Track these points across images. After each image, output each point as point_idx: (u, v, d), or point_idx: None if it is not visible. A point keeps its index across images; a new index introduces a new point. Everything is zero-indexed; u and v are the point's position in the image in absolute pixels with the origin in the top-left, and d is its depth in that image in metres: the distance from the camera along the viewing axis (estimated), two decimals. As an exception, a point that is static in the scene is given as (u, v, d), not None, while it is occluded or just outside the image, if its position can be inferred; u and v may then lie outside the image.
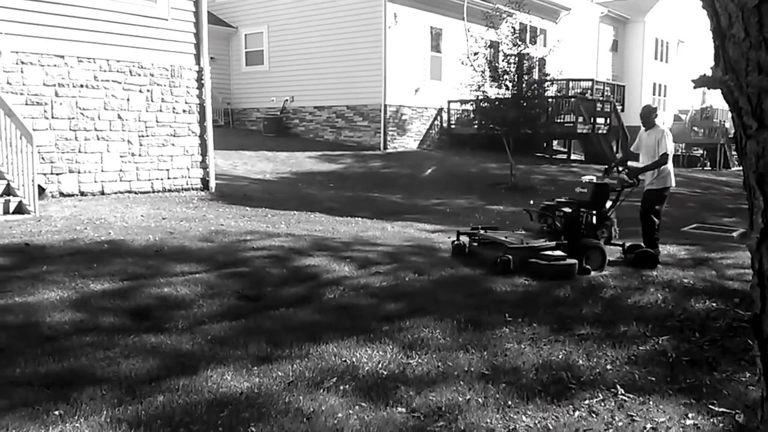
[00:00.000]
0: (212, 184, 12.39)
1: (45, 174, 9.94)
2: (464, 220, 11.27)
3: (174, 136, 11.77)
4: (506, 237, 7.24)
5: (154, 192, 11.43)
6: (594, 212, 7.33)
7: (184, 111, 11.90)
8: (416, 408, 3.60)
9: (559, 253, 6.67)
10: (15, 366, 3.92)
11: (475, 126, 19.57)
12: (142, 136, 11.31)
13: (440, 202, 13.97)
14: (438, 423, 3.43)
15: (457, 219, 11.48)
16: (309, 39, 20.74)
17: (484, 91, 16.95)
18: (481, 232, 7.64)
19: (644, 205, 7.61)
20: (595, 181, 7.68)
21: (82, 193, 10.50)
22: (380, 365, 4.19)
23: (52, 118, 10.14)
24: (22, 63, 9.79)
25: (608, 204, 7.59)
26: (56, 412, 3.35)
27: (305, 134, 21.60)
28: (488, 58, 17.31)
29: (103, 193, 10.74)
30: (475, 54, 16.95)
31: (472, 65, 16.93)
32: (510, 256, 6.59)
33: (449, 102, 22.00)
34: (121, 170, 11.04)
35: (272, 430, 3.25)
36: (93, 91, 10.60)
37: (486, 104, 17.24)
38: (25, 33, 9.75)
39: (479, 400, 3.73)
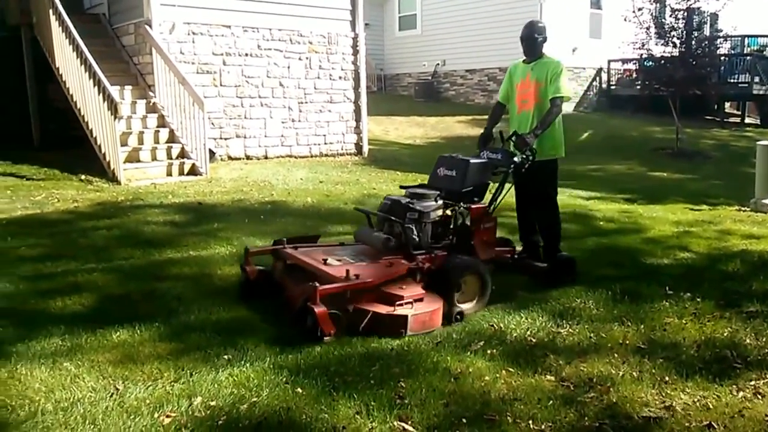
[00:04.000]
0: (365, 149, 12.72)
1: (215, 138, 10.71)
2: (623, 187, 10.74)
3: (330, 102, 12.20)
4: (328, 259, 4.33)
5: (311, 156, 11.96)
6: (468, 207, 4.72)
7: (339, 78, 12.27)
8: (566, 377, 3.54)
9: (403, 291, 4.09)
10: (190, 313, 4.31)
11: (638, 87, 18.38)
12: (301, 103, 11.83)
13: (597, 167, 13.37)
14: (589, 394, 3.35)
15: (615, 185, 10.95)
16: (462, 0, 20.44)
17: (648, 50, 15.91)
18: (287, 250, 4.58)
19: (535, 186, 5.25)
20: (468, 158, 4.92)
21: (248, 157, 11.22)
22: (529, 332, 4.16)
23: (221, 85, 10.86)
24: (193, 34, 10.53)
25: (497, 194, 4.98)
26: (225, 357, 3.66)
27: (455, 98, 21.46)
28: (654, 14, 16.12)
29: (266, 157, 11.41)
30: (640, 9, 15.88)
31: (635, 21, 15.91)
32: (312, 305, 3.79)
33: (609, 61, 20.85)
34: (282, 135, 11.64)
35: (421, 386, 3.34)
36: (257, 60, 11.21)
37: (650, 63, 16.19)
38: (195, 5, 10.46)
39: (633, 374, 3.59)
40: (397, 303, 4.03)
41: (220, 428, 2.93)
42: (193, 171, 9.42)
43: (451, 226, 4.76)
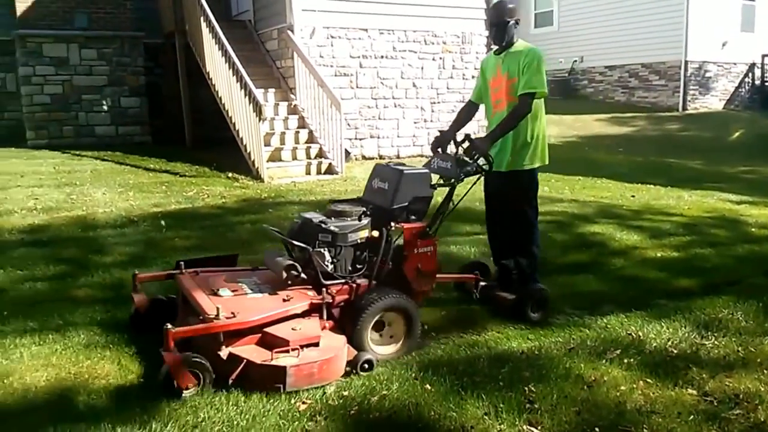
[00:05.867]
0: (497, 148, 12.57)
1: (350, 139, 11.03)
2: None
3: (462, 102, 12.08)
4: (220, 289, 3.60)
5: (442, 155, 11.99)
6: (399, 227, 3.91)
7: (473, 77, 12.22)
8: (709, 392, 3.33)
9: (292, 334, 3.34)
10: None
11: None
12: (434, 103, 11.92)
13: (749, 169, 12.40)
14: (734, 411, 3.14)
15: (770, 189, 10.11)
16: (602, -5, 19.68)
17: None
18: (181, 276, 3.85)
19: (505, 202, 4.51)
20: (403, 167, 4.05)
21: (381, 157, 11.46)
22: (670, 343, 3.95)
23: (357, 87, 11.18)
24: (332, 37, 10.91)
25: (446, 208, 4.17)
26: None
27: (593, 96, 20.69)
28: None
29: (398, 157, 11.60)
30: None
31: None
32: (164, 351, 3.15)
33: (763, 56, 19.26)
34: (413, 135, 11.79)
35: (552, 391, 3.28)
36: (391, 61, 11.42)
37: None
38: (334, 9, 10.83)
39: (787, 392, 3.33)
40: (276, 350, 3.26)
41: (351, 417, 3.04)
42: (330, 170, 9.77)
43: (380, 251, 3.79)
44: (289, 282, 3.60)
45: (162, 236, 6.13)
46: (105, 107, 11.47)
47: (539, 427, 2.98)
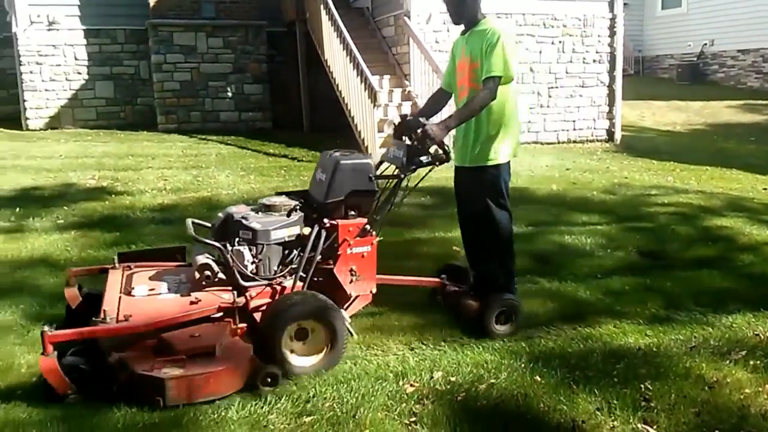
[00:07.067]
0: (617, 135, 12.08)
1: (463, 124, 10.93)
2: None
3: (582, 86, 11.77)
4: (134, 288, 3.39)
5: (558, 143, 11.67)
6: (334, 225, 3.51)
7: (594, 61, 11.78)
8: None
9: (185, 342, 3.06)
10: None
11: None
12: (551, 88, 11.58)
13: None
14: None
15: None
16: (739, -28, 18.32)
17: None
18: (112, 271, 3.66)
19: (471, 200, 4.01)
20: (340, 156, 3.63)
21: (494, 143, 11.28)
22: (803, 346, 3.68)
23: (471, 72, 11.05)
24: (449, 23, 10.80)
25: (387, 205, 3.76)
26: (462, 336, 3.79)
27: (724, 81, 19.33)
28: None
29: (511, 143, 11.37)
30: None
31: None
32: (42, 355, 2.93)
33: None
34: (529, 121, 11.52)
35: (669, 390, 3.14)
36: (508, 46, 11.19)
37: None
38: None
39: None
40: (163, 359, 2.97)
41: (458, 403, 3.05)
42: (442, 156, 9.75)
43: (308, 250, 3.42)
44: (203, 282, 3.33)
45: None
46: (229, 94, 12.01)
47: (654, 427, 2.87)
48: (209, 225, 3.72)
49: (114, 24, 11.85)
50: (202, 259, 3.38)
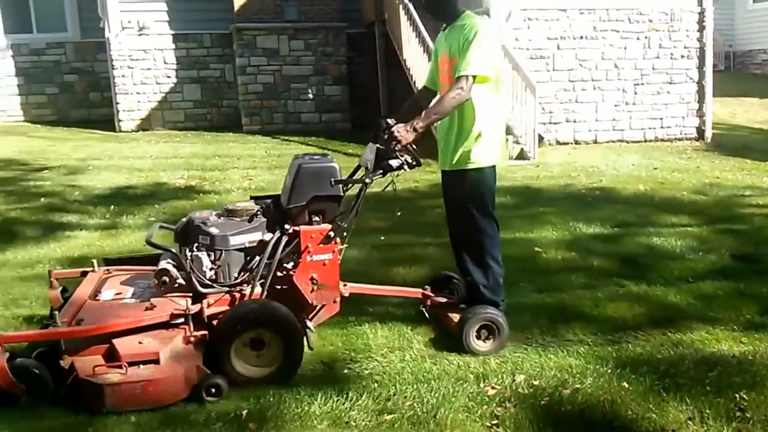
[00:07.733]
0: (708, 133, 11.56)
1: (543, 123, 10.73)
2: None
3: (669, 83, 11.34)
4: (101, 292, 3.41)
5: (645, 141, 11.28)
6: (295, 231, 3.37)
7: (682, 56, 11.33)
8: None
9: (131, 348, 3.01)
10: (518, 294, 4.43)
11: None
12: (637, 85, 11.21)
13: None
14: None
15: None
16: None
17: None
18: (94, 272, 3.67)
19: (454, 205, 3.80)
20: (303, 160, 3.54)
21: (576, 142, 11.03)
22: None
23: (553, 70, 10.83)
24: (528, 20, 10.65)
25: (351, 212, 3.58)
26: (544, 338, 3.75)
27: (827, 75, 18.19)
28: None
29: (595, 142, 11.08)
30: None
31: None
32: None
33: None
34: (613, 119, 11.19)
35: (766, 400, 2.98)
36: (591, 42, 10.91)
37: None
38: (531, -9, 10.59)
39: None
40: (107, 365, 2.95)
41: (542, 408, 2.99)
42: (522, 156, 9.59)
43: (265, 256, 3.31)
44: (162, 288, 3.28)
45: (360, 217, 6.42)
46: (310, 95, 12.24)
47: (751, 439, 2.73)
48: (167, 227, 3.65)
49: (200, 28, 12.31)
50: (163, 264, 3.35)
